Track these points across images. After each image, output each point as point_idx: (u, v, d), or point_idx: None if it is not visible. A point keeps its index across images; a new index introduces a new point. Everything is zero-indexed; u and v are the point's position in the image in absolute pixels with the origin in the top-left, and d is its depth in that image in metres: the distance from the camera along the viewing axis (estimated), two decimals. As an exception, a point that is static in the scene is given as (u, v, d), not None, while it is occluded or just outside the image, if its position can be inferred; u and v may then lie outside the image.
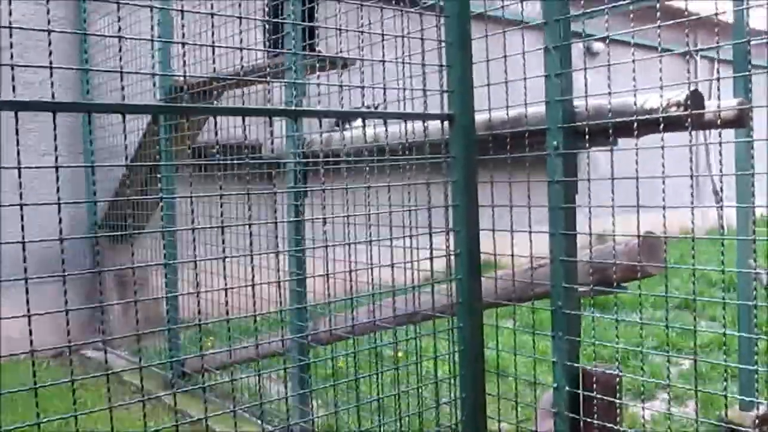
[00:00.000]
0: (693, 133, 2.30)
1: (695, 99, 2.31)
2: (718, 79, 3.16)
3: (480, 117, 2.83)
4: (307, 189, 3.75)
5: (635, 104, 2.35)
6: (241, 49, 2.40)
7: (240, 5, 2.32)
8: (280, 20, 3.92)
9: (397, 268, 2.84)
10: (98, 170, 1.93)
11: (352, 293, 2.71)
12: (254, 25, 4.08)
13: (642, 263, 2.60)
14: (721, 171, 2.40)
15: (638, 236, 2.61)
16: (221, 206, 2.02)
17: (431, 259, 2.74)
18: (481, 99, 2.84)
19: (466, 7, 2.57)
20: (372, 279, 3.10)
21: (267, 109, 3.38)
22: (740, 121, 2.43)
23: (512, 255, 2.75)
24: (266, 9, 4.16)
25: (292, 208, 3.90)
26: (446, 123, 2.67)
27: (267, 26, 4.11)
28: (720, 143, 2.32)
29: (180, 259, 5.11)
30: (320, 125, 3.84)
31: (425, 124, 2.84)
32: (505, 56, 2.70)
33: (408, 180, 2.95)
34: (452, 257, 2.73)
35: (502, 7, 2.71)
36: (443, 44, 2.63)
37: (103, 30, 6.06)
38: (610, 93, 2.41)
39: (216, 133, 2.39)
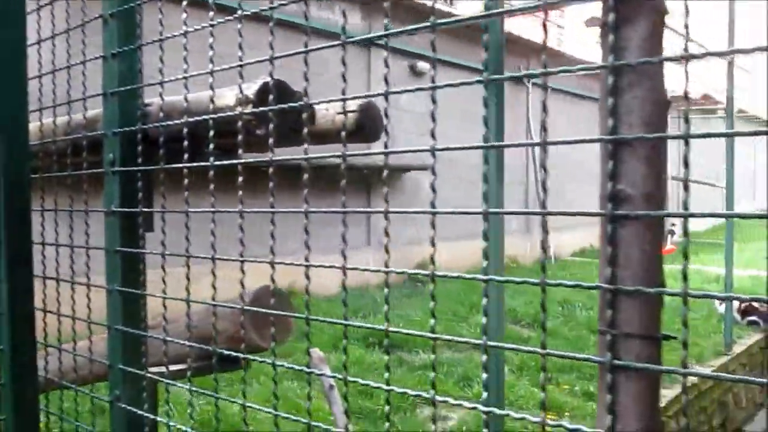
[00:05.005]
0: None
1: (278, 93, 1.53)
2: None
3: (35, 124, 1.98)
4: None
5: (212, 101, 1.52)
6: None
7: None
8: None
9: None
10: None
11: None
12: None
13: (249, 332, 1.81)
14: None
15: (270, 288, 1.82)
16: None
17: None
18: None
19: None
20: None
21: None
22: (362, 132, 1.69)
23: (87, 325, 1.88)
24: None
25: None
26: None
27: None
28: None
29: None
30: None
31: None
32: (67, 31, 1.86)
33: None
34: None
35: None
36: None
37: None
38: (186, 84, 1.58)
39: None
